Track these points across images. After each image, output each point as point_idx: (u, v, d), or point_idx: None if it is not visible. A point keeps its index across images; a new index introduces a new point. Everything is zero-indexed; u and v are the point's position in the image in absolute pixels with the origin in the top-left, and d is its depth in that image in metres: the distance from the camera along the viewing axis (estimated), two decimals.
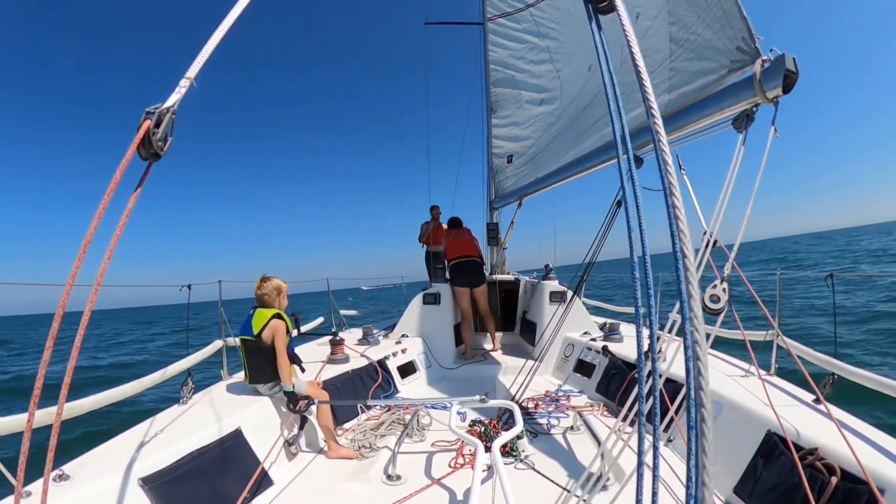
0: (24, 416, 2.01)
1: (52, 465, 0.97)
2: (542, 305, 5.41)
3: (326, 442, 3.03)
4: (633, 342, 4.29)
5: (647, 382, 1.89)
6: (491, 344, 5.84)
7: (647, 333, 1.00)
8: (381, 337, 5.28)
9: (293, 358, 3.03)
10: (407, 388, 4.50)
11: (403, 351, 4.91)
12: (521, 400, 3.84)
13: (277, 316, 2.94)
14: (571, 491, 2.31)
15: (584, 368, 4.45)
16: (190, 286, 3.36)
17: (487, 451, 2.26)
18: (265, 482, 2.57)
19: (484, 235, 7.16)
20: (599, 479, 2.05)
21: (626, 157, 1.01)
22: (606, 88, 1.09)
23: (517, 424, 2.56)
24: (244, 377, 3.09)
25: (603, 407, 3.70)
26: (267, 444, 2.73)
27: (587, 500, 2.02)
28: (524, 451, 2.87)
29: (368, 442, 3.12)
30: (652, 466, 0.96)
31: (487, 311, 5.69)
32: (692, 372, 0.76)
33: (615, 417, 2.60)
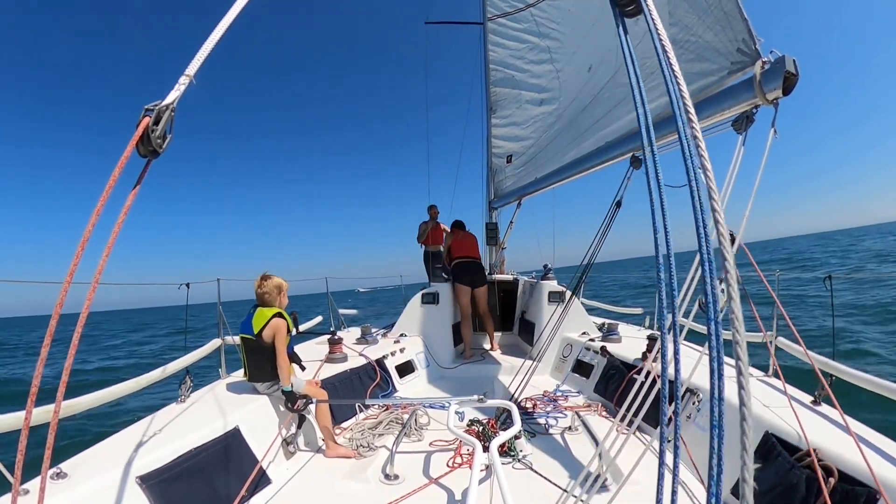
0: (21, 413, 2.01)
1: (49, 462, 0.96)
2: (540, 305, 5.41)
3: (324, 441, 3.03)
4: (631, 343, 4.31)
5: (656, 383, 1.89)
6: (489, 344, 5.85)
7: (669, 337, 1.01)
8: (379, 336, 5.27)
9: (293, 357, 3.02)
10: (405, 387, 4.50)
11: (402, 350, 4.91)
12: (519, 400, 3.84)
13: (278, 315, 2.93)
14: (569, 491, 2.31)
15: (582, 368, 4.46)
16: (189, 285, 3.37)
17: (485, 450, 2.25)
18: (263, 481, 2.56)
19: (483, 235, 7.17)
20: (597, 479, 2.05)
21: (652, 156, 1.01)
22: (634, 92, 1.10)
23: (515, 424, 2.56)
24: (244, 375, 3.09)
25: (601, 407, 3.70)
26: (265, 442, 2.73)
27: (585, 500, 2.02)
28: (522, 450, 2.88)
29: (366, 441, 3.12)
30: (673, 467, 0.96)
31: (487, 311, 5.75)
32: (715, 373, 0.76)
33: (613, 418, 2.59)
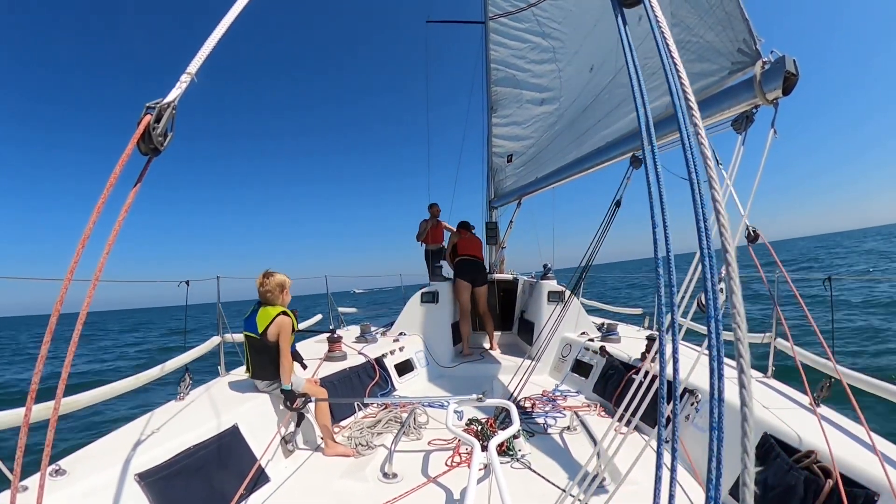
0: (21, 410, 2.01)
1: (48, 460, 0.96)
2: (540, 305, 5.42)
3: (323, 439, 3.03)
4: (630, 343, 4.31)
5: (654, 383, 1.90)
6: (489, 343, 5.86)
7: (669, 338, 1.00)
8: (378, 335, 5.28)
9: (295, 356, 3.01)
10: (404, 386, 4.50)
11: (401, 349, 4.91)
12: (518, 399, 3.85)
13: (283, 313, 2.92)
14: (567, 490, 2.31)
15: (581, 368, 4.46)
16: (188, 282, 3.37)
17: (484, 449, 2.26)
18: (262, 479, 2.57)
19: (483, 235, 7.16)
20: (595, 478, 2.06)
21: (651, 154, 1.00)
22: (633, 84, 1.08)
23: (514, 424, 2.56)
24: (245, 370, 3.09)
25: (600, 407, 3.70)
26: (264, 440, 2.73)
27: (583, 499, 2.02)
28: (521, 450, 2.88)
29: (365, 440, 3.12)
30: (671, 468, 0.96)
31: (486, 310, 5.77)
32: (715, 373, 0.76)
33: (611, 417, 2.60)
